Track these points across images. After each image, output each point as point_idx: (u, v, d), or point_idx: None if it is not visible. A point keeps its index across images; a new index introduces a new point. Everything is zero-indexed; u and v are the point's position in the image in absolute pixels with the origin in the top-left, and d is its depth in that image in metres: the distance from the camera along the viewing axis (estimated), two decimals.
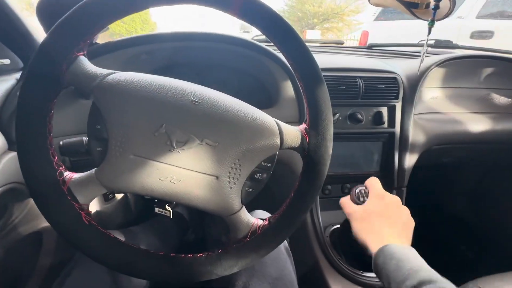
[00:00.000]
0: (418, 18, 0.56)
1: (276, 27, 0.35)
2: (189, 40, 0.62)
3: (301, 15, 13.00)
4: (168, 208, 0.56)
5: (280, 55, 0.64)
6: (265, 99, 0.71)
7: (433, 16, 0.52)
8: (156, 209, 0.58)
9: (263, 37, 0.39)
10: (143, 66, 0.63)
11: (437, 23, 0.61)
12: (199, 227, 0.88)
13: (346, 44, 1.08)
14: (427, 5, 0.53)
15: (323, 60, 0.73)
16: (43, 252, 0.59)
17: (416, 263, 0.35)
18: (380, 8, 3.54)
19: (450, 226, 1.02)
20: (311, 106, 0.37)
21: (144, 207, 0.91)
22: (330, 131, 0.37)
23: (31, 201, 0.55)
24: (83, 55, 0.34)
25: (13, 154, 0.46)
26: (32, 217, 0.56)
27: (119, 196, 0.81)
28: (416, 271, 0.34)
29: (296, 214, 0.37)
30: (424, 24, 0.62)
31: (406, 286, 0.33)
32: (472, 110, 0.83)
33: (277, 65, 0.64)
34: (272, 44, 0.38)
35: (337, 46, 1.04)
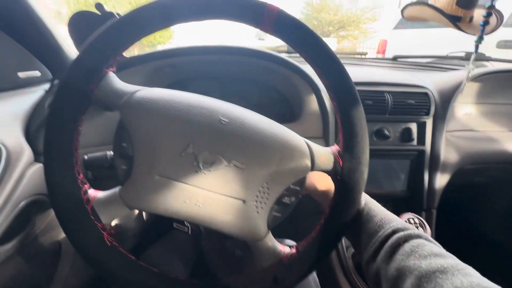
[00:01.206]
0: (463, 31, 0.52)
1: (309, 44, 0.33)
2: (211, 54, 0.62)
3: (316, 23, 13.03)
4: (186, 224, 0.55)
5: (304, 68, 0.62)
6: (288, 112, 0.69)
7: (481, 32, 0.48)
8: (174, 224, 0.57)
9: (284, 47, 0.38)
10: (166, 78, 0.63)
11: (459, 32, 0.57)
12: (214, 240, 0.86)
13: (362, 51, 1.05)
14: (471, 18, 0.50)
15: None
16: (62, 263, 0.58)
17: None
18: (400, 17, 3.47)
19: (482, 251, 0.94)
20: (345, 127, 0.34)
21: (158, 218, 0.90)
22: (366, 155, 0.35)
23: (53, 212, 0.55)
24: (113, 71, 0.33)
25: (39, 165, 0.46)
26: (51, 228, 0.56)
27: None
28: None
29: (327, 243, 0.35)
30: (449, 33, 0.58)
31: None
32: (509, 128, 0.77)
33: (301, 79, 0.62)
34: (294, 55, 0.36)
35: (361, 57, 1.01)
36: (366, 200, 0.38)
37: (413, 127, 0.68)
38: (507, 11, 2.62)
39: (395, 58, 1.00)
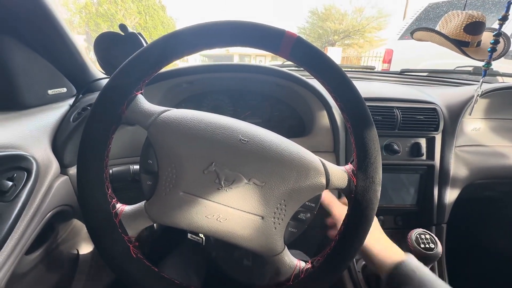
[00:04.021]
0: (470, 58, 0.54)
1: (325, 69, 0.35)
2: (225, 71, 0.65)
3: (321, 32, 13.16)
4: (201, 235, 0.57)
5: (314, 84, 0.64)
6: (298, 126, 0.71)
7: (489, 58, 0.50)
8: (189, 235, 0.58)
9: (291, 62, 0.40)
10: (183, 93, 0.65)
11: None
12: (223, 250, 0.87)
13: (368, 60, 1.06)
14: (478, 43, 0.51)
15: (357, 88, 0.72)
16: (79, 271, 0.60)
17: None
18: (406, 26, 3.49)
19: (493, 266, 0.93)
20: (359, 148, 0.36)
21: (170, 228, 0.92)
22: (379, 175, 0.36)
23: (74, 222, 0.57)
24: (141, 93, 0.36)
25: (64, 178, 0.49)
26: (71, 237, 0.58)
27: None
28: None
29: (342, 259, 0.36)
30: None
31: None
32: None
33: (312, 95, 0.64)
34: (303, 70, 0.37)
35: (368, 71, 1.03)
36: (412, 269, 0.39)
37: (422, 142, 0.69)
38: None
39: (402, 72, 1.01)
